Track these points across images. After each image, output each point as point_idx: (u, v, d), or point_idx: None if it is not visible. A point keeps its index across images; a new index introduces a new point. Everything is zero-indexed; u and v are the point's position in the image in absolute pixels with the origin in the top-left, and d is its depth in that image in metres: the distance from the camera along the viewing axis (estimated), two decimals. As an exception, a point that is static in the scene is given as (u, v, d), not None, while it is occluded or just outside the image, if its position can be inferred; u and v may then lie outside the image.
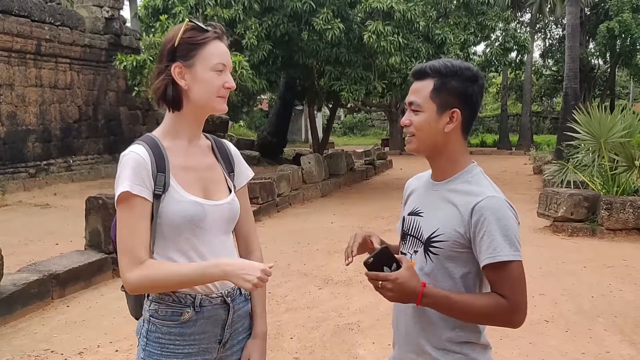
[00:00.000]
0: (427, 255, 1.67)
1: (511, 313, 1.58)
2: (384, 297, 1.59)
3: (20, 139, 13.10)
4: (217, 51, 1.67)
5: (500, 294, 1.58)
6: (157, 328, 1.67)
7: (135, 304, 1.78)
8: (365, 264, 1.57)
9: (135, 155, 1.61)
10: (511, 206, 1.62)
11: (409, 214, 1.78)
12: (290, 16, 11.66)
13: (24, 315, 4.70)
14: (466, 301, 1.59)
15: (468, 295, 1.62)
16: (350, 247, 1.73)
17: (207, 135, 1.83)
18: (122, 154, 1.64)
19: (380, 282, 1.55)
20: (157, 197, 1.61)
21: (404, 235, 1.78)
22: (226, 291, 1.71)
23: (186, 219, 1.64)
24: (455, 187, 1.67)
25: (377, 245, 1.73)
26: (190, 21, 1.68)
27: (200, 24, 1.67)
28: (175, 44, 1.65)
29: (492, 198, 1.60)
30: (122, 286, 1.79)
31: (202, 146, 1.78)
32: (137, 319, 1.80)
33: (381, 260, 1.58)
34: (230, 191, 1.78)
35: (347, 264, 1.73)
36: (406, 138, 1.71)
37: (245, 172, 1.87)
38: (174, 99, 1.67)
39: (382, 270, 1.57)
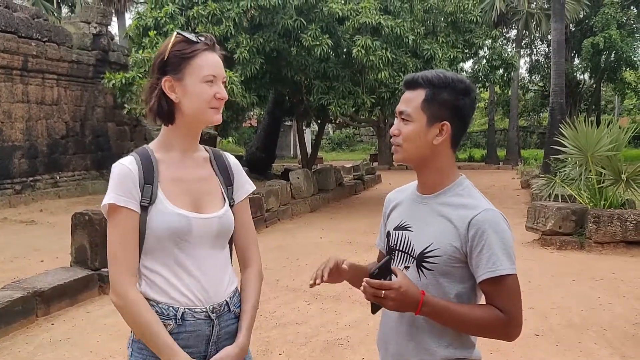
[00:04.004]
0: (420, 271, 1.63)
1: (508, 326, 1.57)
2: (384, 306, 1.55)
3: (6, 155, 12.98)
4: (207, 62, 1.66)
5: (498, 307, 1.56)
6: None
7: None
8: (371, 275, 1.54)
9: (122, 166, 1.61)
10: (505, 219, 1.61)
11: (395, 229, 1.74)
12: (280, 34, 11.71)
13: (8, 334, 4.60)
14: (465, 312, 1.57)
15: (466, 306, 1.59)
16: (321, 270, 1.68)
17: (207, 147, 1.81)
18: (113, 165, 1.65)
19: (383, 291, 1.51)
20: (144, 208, 1.60)
21: (391, 251, 1.74)
22: (211, 307, 1.68)
23: (170, 231, 1.61)
24: (446, 201, 1.65)
25: (345, 267, 1.72)
26: (178, 33, 1.66)
27: (189, 36, 1.67)
28: (165, 58, 1.64)
29: (488, 211, 1.58)
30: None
31: (197, 158, 1.75)
32: None
33: (383, 272, 1.56)
34: (226, 204, 1.75)
35: (312, 286, 1.68)
36: (393, 147, 1.68)
37: (245, 186, 1.83)
38: (166, 112, 1.66)
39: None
